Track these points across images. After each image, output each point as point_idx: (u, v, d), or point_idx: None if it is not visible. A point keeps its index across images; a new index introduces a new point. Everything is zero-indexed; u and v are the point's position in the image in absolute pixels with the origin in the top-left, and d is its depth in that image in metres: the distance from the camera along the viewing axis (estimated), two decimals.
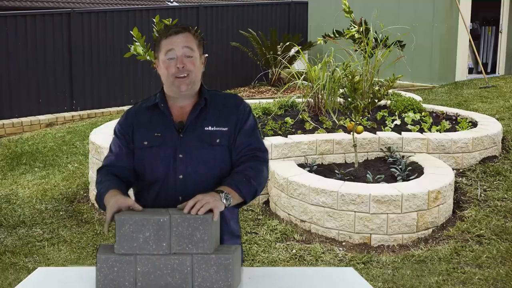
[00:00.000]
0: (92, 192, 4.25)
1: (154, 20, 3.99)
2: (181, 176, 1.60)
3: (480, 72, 8.67)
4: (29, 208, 4.18)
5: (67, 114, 8.06)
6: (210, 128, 1.62)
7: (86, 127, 7.01)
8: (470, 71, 9.56)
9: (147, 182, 1.62)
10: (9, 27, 7.61)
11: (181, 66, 1.59)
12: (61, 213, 4.08)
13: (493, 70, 9.66)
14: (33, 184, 4.76)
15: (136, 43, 4.10)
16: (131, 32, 4.18)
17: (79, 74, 8.28)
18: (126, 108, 9.93)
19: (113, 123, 5.01)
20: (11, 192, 4.57)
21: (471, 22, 9.12)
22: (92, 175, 4.25)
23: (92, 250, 3.43)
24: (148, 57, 4.11)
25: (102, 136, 4.35)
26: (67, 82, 8.20)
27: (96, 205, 4.17)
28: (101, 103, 8.47)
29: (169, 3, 13.96)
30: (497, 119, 5.41)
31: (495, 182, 4.02)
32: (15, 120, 7.60)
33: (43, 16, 7.91)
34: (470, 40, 8.53)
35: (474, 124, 4.79)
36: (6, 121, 7.46)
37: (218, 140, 1.62)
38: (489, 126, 4.64)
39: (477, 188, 3.92)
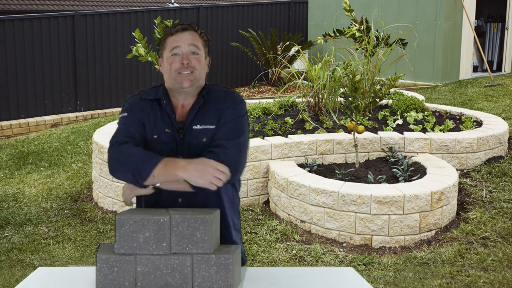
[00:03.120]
0: (96, 191, 4.28)
1: (156, 21, 4.01)
2: None
3: (485, 70, 8.60)
4: (35, 206, 4.23)
5: (71, 115, 8.15)
6: (204, 126, 1.57)
7: (89, 127, 7.06)
8: (475, 69, 9.45)
9: None
10: (16, 30, 7.68)
11: (186, 62, 1.55)
12: (65, 211, 4.12)
13: (499, 68, 9.52)
14: (39, 183, 4.80)
15: (138, 44, 4.12)
16: (133, 33, 4.20)
17: (83, 75, 8.34)
18: None
19: (115, 123, 5.04)
20: (18, 191, 4.62)
21: (475, 19, 9.00)
22: (96, 175, 4.28)
23: (95, 248, 3.46)
24: (149, 58, 4.14)
25: (105, 137, 4.37)
26: (72, 83, 8.27)
27: (101, 200, 4.19)
28: (104, 103, 8.54)
29: (170, 4, 13.99)
30: (503, 118, 5.33)
31: (501, 183, 3.91)
32: (22, 120, 7.73)
33: (48, 19, 7.99)
34: (474, 38, 8.39)
35: (479, 123, 4.71)
36: (13, 122, 7.64)
37: (204, 140, 1.56)
38: (495, 126, 4.55)
39: (482, 189, 3.85)
